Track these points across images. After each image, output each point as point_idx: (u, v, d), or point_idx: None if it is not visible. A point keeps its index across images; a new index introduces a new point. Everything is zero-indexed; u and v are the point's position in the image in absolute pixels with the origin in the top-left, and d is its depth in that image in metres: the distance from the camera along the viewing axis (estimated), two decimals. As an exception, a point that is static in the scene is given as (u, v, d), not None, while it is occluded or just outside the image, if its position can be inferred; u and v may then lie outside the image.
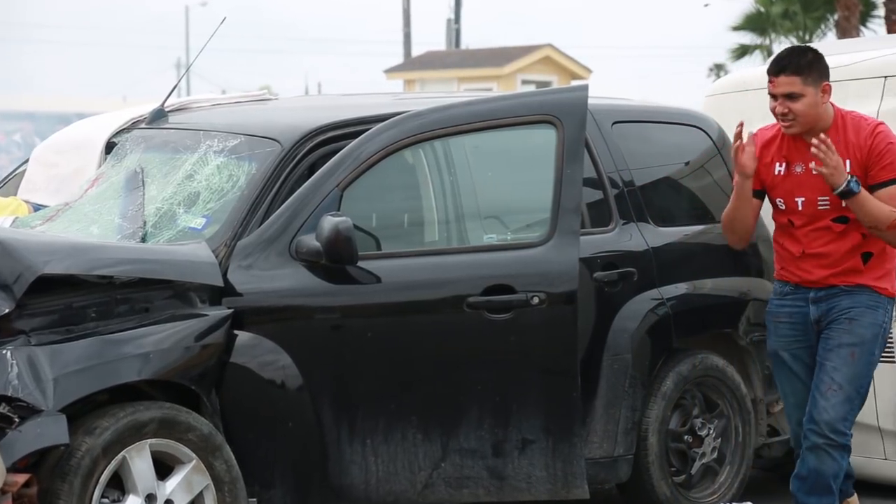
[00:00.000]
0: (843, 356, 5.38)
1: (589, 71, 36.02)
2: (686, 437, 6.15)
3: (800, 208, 5.45)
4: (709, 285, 6.32)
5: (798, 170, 5.44)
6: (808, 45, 5.53)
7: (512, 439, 5.44)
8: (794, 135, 5.45)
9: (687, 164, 6.59)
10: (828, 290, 5.44)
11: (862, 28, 27.22)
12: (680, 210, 6.47)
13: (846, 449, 5.38)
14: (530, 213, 5.78)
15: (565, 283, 5.48)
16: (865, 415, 6.45)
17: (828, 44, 9.26)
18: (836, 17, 26.38)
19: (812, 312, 5.48)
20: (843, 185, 5.26)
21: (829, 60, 6.84)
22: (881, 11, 25.35)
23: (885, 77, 6.61)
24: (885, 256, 5.45)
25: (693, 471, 6.15)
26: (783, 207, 5.49)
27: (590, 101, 5.73)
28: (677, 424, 6.14)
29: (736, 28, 31.15)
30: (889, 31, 22.13)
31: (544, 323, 5.46)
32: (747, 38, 31.31)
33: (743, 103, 7.08)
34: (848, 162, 5.36)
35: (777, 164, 5.48)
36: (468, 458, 5.41)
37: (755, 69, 7.80)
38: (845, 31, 22.37)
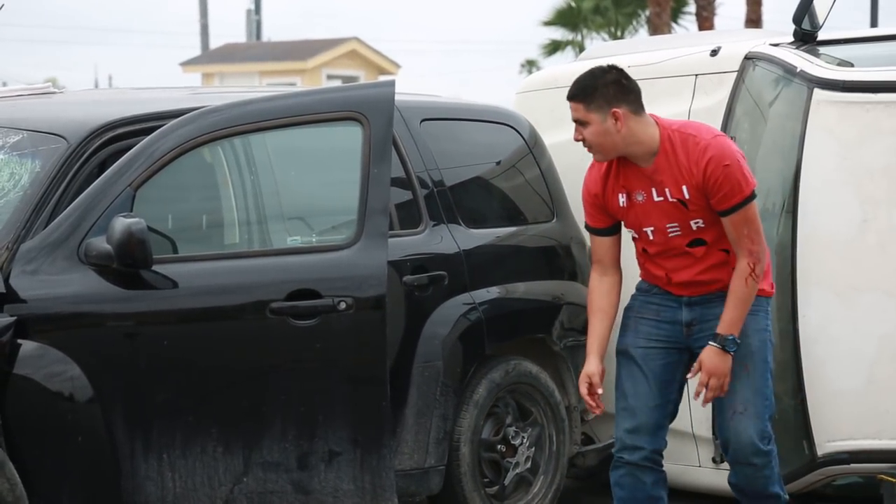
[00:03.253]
0: (737, 373, 5.13)
1: (397, 66, 36.03)
2: (499, 446, 6.03)
3: (651, 237, 5.16)
4: (522, 289, 6.19)
5: (640, 198, 5.12)
6: (611, 65, 5.19)
7: (318, 451, 5.24)
8: (620, 162, 5.14)
9: (498, 163, 6.48)
10: (701, 297, 5.18)
11: (674, 24, 27.68)
12: (492, 211, 6.34)
13: (771, 454, 5.18)
14: (336, 214, 5.60)
15: (373, 287, 5.29)
16: (680, 422, 6.40)
17: (639, 41, 9.25)
18: (647, 13, 26.76)
19: (684, 315, 5.21)
20: (731, 350, 5.07)
21: (639, 57, 6.85)
22: (692, 8, 25.79)
23: (696, 75, 6.57)
24: None
25: (506, 481, 6.03)
26: (636, 236, 5.20)
27: (397, 97, 5.57)
28: (490, 433, 6.01)
29: (547, 23, 31.46)
30: (701, 28, 22.51)
31: (351, 329, 5.27)
32: (559, 33, 31.65)
33: (554, 100, 6.99)
34: (684, 187, 5.06)
35: (619, 194, 5.15)
36: (272, 471, 5.19)
37: (566, 66, 7.73)
38: (657, 28, 22.66)
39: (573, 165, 6.74)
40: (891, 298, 5.78)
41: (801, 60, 6.26)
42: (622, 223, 5.24)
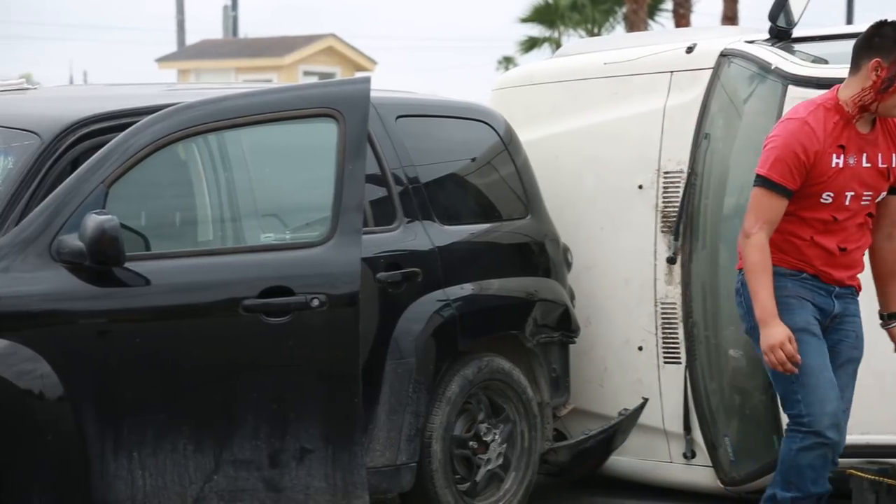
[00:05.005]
0: (851, 373, 5.17)
1: (374, 62, 35.99)
2: (471, 443, 6.01)
3: (847, 203, 5.03)
4: (496, 286, 6.18)
5: (851, 161, 5.01)
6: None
7: (289, 449, 5.22)
8: (845, 123, 5.00)
9: (473, 160, 6.47)
10: (844, 290, 5.15)
11: (650, 21, 27.70)
12: (466, 208, 6.33)
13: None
14: (310, 211, 5.57)
15: (346, 284, 5.27)
16: (651, 418, 6.44)
17: (616, 37, 9.24)
18: (624, 10, 26.78)
19: (836, 307, 5.14)
20: None
21: (616, 54, 6.86)
22: (669, 5, 25.82)
23: (672, 72, 6.57)
24: None
25: (478, 478, 6.02)
26: (827, 202, 5.03)
27: (373, 94, 5.54)
28: (462, 430, 5.99)
29: (524, 20, 31.45)
30: (677, 25, 22.54)
31: (325, 326, 5.25)
32: (536, 30, 31.65)
33: (530, 97, 7.01)
34: (894, 155, 5.05)
35: (834, 155, 4.99)
36: (243, 469, 5.17)
37: (543, 62, 7.73)
38: (633, 25, 22.69)
39: (548, 162, 6.76)
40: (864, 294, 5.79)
41: (775, 57, 6.27)
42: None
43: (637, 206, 6.56)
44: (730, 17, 22.33)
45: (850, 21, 28.96)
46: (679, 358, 6.38)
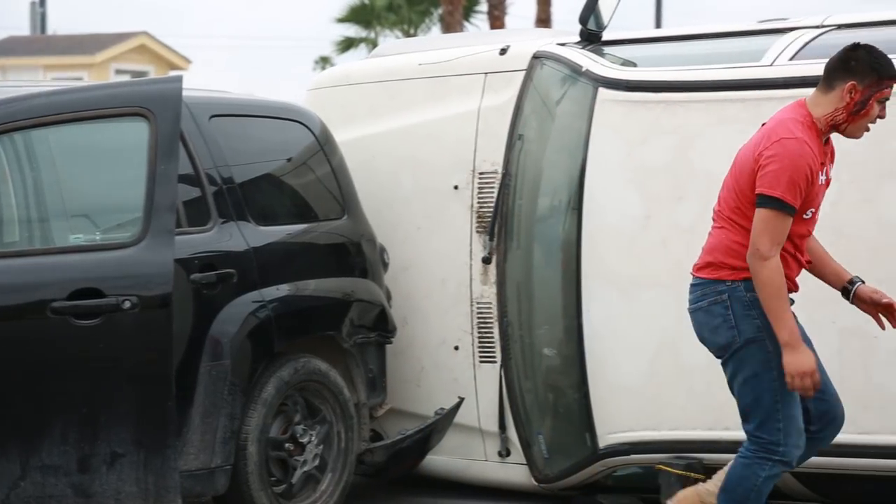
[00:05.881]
0: None
1: (188, 61, 35.60)
2: (287, 444, 5.97)
3: (815, 218, 5.03)
4: (312, 286, 6.16)
5: (823, 178, 5.00)
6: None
7: (100, 453, 5.13)
8: (822, 140, 4.96)
9: (289, 160, 6.43)
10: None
11: (466, 23, 27.87)
12: (282, 208, 6.30)
13: None
14: (122, 212, 5.49)
15: (159, 285, 5.21)
16: (467, 417, 6.48)
17: (431, 38, 9.28)
18: (440, 11, 26.91)
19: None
20: None
21: (431, 55, 6.88)
22: (484, 7, 26.02)
23: (486, 73, 6.62)
24: None
25: (294, 480, 5.98)
26: (809, 217, 4.99)
27: (186, 93, 5.48)
28: (278, 432, 5.95)
29: (341, 20, 31.40)
30: (492, 27, 22.72)
31: (137, 328, 5.18)
32: (352, 30, 31.62)
33: (346, 97, 6.99)
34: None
35: (820, 173, 4.96)
36: (51, 475, 5.07)
37: (359, 63, 7.72)
38: (449, 26, 22.81)
39: (365, 162, 6.75)
40: (671, 293, 5.91)
41: (586, 60, 6.36)
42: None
43: (453, 206, 6.59)
44: (543, 20, 22.58)
45: (659, 25, 29.53)
46: (494, 357, 6.43)
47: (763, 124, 4.99)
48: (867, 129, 4.97)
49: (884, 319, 5.07)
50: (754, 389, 4.90)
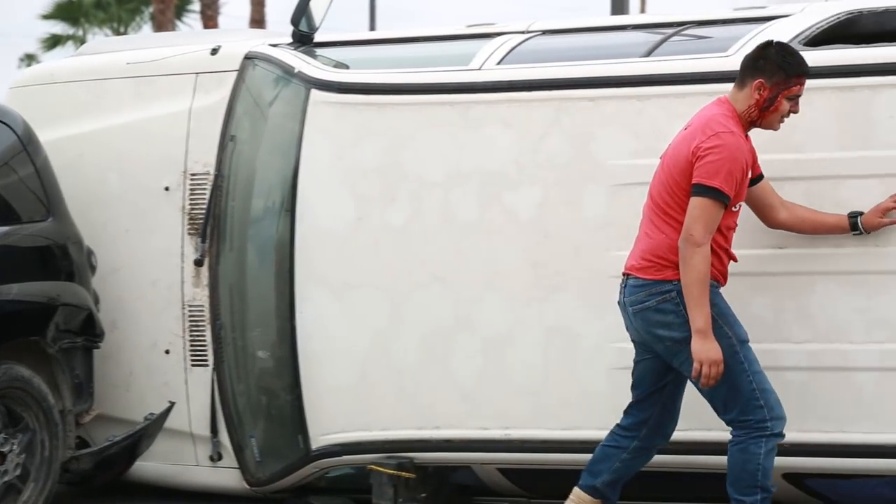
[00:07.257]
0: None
1: None
2: (-13, 454, 5.80)
3: (739, 210, 5.12)
4: (14, 290, 5.98)
5: (750, 172, 5.12)
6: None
7: None
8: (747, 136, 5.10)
9: (-9, 160, 6.22)
10: None
11: (178, 22, 27.55)
12: (-18, 210, 6.09)
13: None
14: None
15: None
16: (178, 421, 6.40)
17: (142, 37, 9.12)
18: (151, 9, 26.52)
19: None
20: None
21: (139, 54, 6.76)
22: (197, 6, 25.76)
23: (197, 73, 6.56)
24: None
25: (-6, 490, 5.81)
26: (736, 210, 5.08)
27: None
28: (-22, 441, 5.77)
29: (47, 17, 30.64)
30: (205, 27, 22.50)
31: None
32: (59, 27, 30.89)
33: (52, 96, 6.82)
34: None
35: (749, 167, 5.10)
36: None
37: (64, 61, 7.54)
38: (161, 25, 22.48)
39: (71, 163, 6.59)
40: (383, 295, 5.96)
41: (298, 61, 6.36)
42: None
43: (164, 207, 6.50)
44: (257, 21, 22.48)
45: (373, 27, 29.76)
46: (207, 360, 6.36)
47: (686, 127, 5.14)
48: (782, 121, 5.16)
49: None
50: (727, 379, 5.02)
